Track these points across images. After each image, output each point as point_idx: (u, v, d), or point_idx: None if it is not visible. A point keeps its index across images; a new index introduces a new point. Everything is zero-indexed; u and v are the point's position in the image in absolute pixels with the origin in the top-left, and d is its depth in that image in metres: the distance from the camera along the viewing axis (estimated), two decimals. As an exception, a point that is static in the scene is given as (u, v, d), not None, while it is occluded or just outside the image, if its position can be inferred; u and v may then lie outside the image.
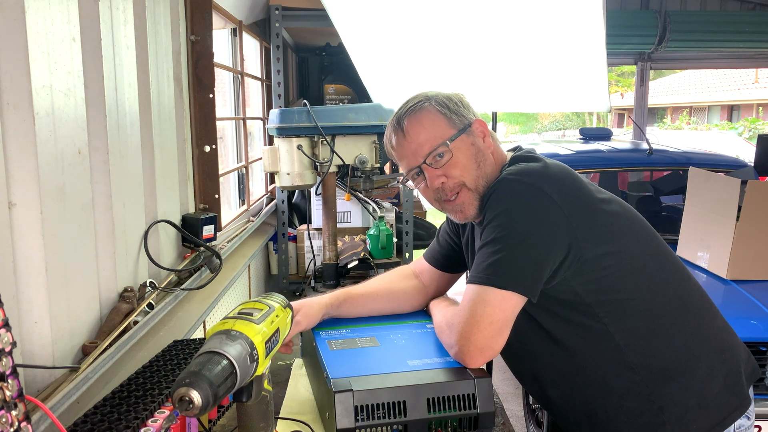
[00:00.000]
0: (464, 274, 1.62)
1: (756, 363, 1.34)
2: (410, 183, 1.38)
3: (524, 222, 1.16)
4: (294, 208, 3.12)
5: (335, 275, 2.45)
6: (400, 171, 1.38)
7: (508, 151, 1.39)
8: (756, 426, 2.39)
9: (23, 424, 0.81)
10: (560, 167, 1.26)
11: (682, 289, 1.28)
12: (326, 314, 1.40)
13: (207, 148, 2.03)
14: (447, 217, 1.47)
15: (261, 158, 2.46)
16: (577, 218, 1.17)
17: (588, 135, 4.82)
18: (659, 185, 4.13)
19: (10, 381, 0.79)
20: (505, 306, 1.14)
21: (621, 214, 1.27)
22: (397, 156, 1.35)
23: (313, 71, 4.22)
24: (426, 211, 3.43)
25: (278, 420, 1.21)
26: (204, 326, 1.88)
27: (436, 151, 1.27)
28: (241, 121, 2.87)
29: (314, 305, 1.38)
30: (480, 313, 1.14)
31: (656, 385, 1.19)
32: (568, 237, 1.16)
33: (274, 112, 2.30)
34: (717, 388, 1.22)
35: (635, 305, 1.21)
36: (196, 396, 0.81)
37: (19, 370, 0.84)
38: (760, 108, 18.48)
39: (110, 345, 1.29)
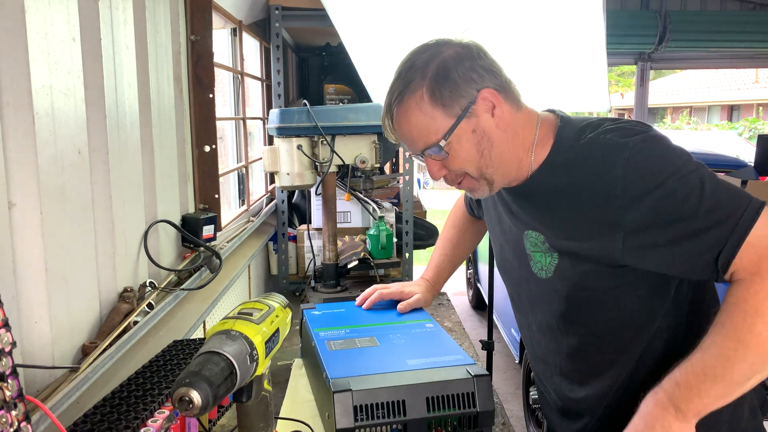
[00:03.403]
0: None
1: (765, 395, 1.30)
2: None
3: (685, 166, 1.03)
4: (294, 208, 3.12)
5: (335, 275, 2.45)
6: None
7: (546, 111, 1.22)
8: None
9: (23, 424, 0.81)
10: None
11: None
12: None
13: (207, 148, 2.03)
14: None
15: (261, 158, 2.46)
16: None
17: (588, 135, 4.81)
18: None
19: (9, 381, 0.79)
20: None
21: None
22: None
23: (313, 71, 4.21)
24: (426, 211, 3.42)
25: (278, 420, 1.22)
26: (204, 326, 1.88)
27: (430, 149, 1.15)
28: (241, 121, 2.87)
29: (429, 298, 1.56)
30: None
31: None
32: None
33: (274, 112, 2.30)
34: (744, 416, 1.16)
35: (706, 309, 1.14)
36: (195, 396, 0.81)
37: (19, 370, 0.85)
38: (760, 108, 18.48)
39: (110, 345, 1.29)
